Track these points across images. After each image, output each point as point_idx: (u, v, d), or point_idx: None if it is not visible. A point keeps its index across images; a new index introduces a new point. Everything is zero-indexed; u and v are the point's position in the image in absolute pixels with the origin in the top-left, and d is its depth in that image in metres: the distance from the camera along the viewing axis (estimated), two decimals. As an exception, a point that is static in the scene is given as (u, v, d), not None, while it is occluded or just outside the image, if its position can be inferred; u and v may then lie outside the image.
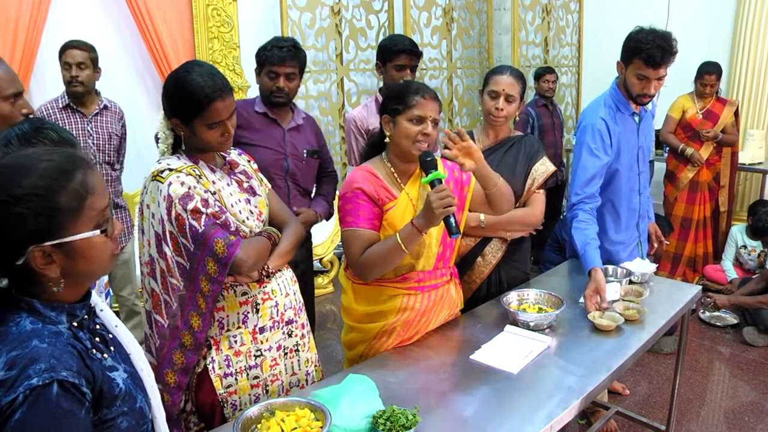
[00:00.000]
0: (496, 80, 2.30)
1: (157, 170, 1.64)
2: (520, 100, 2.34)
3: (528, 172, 2.34)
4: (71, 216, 0.99)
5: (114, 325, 1.17)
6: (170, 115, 1.68)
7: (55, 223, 0.97)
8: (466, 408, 1.57)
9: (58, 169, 0.99)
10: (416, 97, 1.80)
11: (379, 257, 1.78)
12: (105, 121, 3.07)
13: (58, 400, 0.92)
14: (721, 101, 4.43)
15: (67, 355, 0.97)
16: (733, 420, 2.89)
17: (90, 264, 1.03)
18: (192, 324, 1.67)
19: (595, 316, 2.02)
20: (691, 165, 4.41)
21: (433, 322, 1.98)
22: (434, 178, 1.73)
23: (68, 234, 0.99)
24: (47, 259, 0.98)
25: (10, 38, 3.28)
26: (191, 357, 1.69)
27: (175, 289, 1.66)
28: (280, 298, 1.80)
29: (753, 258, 4.41)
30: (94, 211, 1.01)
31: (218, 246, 1.60)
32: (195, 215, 1.60)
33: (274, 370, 1.80)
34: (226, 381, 1.72)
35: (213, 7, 3.88)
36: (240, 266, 1.63)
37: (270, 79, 2.43)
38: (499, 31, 5.65)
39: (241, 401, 1.75)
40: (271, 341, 1.78)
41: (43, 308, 1.01)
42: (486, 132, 2.39)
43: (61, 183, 0.98)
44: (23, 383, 0.90)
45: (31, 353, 0.94)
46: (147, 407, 1.14)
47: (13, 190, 0.95)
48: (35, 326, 0.99)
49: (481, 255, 2.35)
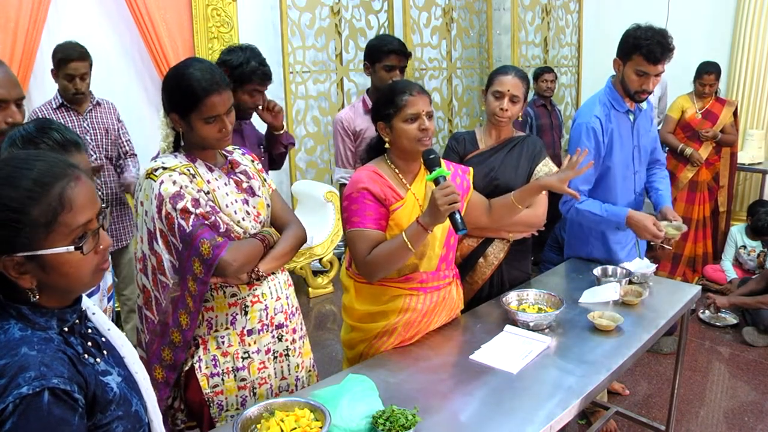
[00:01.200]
0: (501, 81, 2.29)
1: (151, 168, 1.64)
2: (524, 100, 2.34)
3: (531, 173, 2.34)
4: (42, 230, 0.96)
5: (107, 328, 1.15)
6: (169, 110, 1.68)
7: (24, 236, 0.95)
8: (466, 408, 1.57)
9: (35, 180, 0.96)
10: (404, 96, 1.81)
11: (385, 257, 1.78)
12: (99, 117, 3.07)
13: (49, 408, 0.90)
14: (720, 101, 4.43)
15: (57, 361, 0.95)
16: (733, 420, 2.89)
17: (65, 279, 1.00)
18: (181, 322, 1.67)
19: (594, 316, 2.02)
20: (690, 165, 4.42)
21: (434, 322, 1.98)
22: (438, 175, 1.74)
23: (39, 248, 0.96)
24: (19, 269, 0.96)
25: (10, 38, 3.28)
26: (179, 354, 1.69)
27: (165, 287, 1.66)
28: (270, 301, 1.78)
29: (752, 258, 4.41)
30: (68, 227, 0.98)
31: (204, 247, 1.59)
32: (184, 215, 1.60)
33: (262, 373, 1.78)
34: (212, 381, 1.72)
35: (213, 7, 3.88)
36: (225, 268, 1.62)
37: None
38: (498, 31, 5.65)
39: (228, 402, 1.74)
40: (259, 344, 1.77)
41: (31, 314, 0.99)
42: (489, 132, 2.39)
43: (35, 196, 0.95)
44: (13, 392, 0.89)
45: (20, 361, 0.92)
46: (143, 411, 1.12)
47: None
48: (24, 333, 0.97)
49: (483, 256, 2.35)
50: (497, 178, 2.29)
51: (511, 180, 2.29)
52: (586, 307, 2.14)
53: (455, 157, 2.36)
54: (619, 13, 5.82)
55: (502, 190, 2.25)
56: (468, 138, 2.40)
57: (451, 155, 2.38)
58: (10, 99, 1.59)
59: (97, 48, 3.02)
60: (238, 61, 2.34)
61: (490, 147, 2.37)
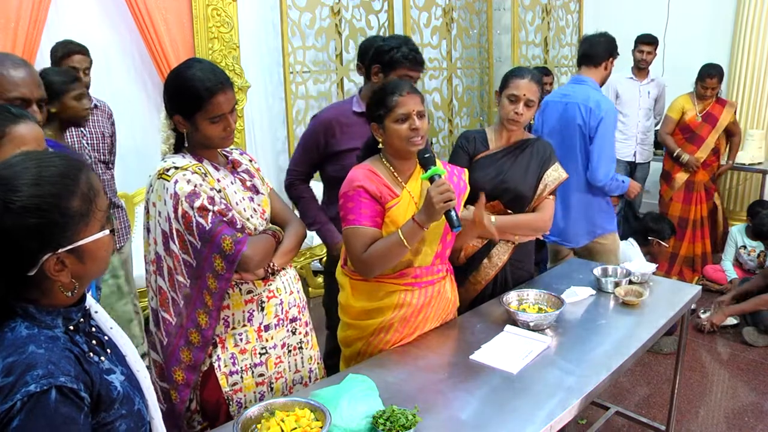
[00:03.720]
0: (517, 84, 2.27)
1: (163, 168, 1.64)
2: (539, 103, 2.33)
3: (540, 177, 2.33)
4: (83, 220, 0.98)
5: (109, 327, 1.16)
6: (172, 112, 1.68)
7: (68, 229, 0.97)
8: (465, 408, 1.57)
9: (63, 174, 0.98)
10: (394, 97, 1.82)
11: (381, 254, 1.80)
12: (97, 121, 3.05)
13: (56, 407, 0.91)
14: (721, 102, 4.43)
15: (64, 360, 0.96)
16: (733, 420, 2.89)
17: (98, 264, 1.04)
18: (199, 321, 1.67)
19: (620, 293, 2.10)
20: (685, 169, 4.42)
21: (430, 318, 1.99)
22: (434, 173, 1.75)
23: (80, 238, 0.99)
24: (60, 266, 0.98)
25: (10, 38, 3.27)
26: (199, 354, 1.69)
27: (181, 287, 1.67)
28: (285, 296, 1.81)
29: (753, 258, 4.40)
30: (101, 211, 1.02)
31: (226, 243, 1.60)
32: (202, 213, 1.60)
33: (279, 367, 1.81)
34: (231, 379, 1.73)
35: (213, 7, 3.87)
36: (247, 263, 1.64)
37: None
38: (499, 31, 5.65)
39: (246, 399, 1.75)
40: (275, 339, 1.79)
41: (38, 313, 1.00)
42: (500, 133, 2.38)
43: (70, 188, 0.97)
44: (21, 390, 0.89)
45: (28, 359, 0.93)
46: (145, 409, 1.13)
47: (21, 201, 0.93)
48: (31, 331, 0.97)
49: (487, 257, 2.35)
50: (506, 181, 2.29)
51: (520, 184, 2.29)
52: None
53: (465, 155, 2.36)
54: (619, 14, 5.81)
55: (511, 193, 2.25)
56: (479, 138, 2.39)
57: (460, 153, 2.37)
58: (32, 99, 1.62)
59: (97, 48, 3.01)
60: (389, 46, 2.33)
61: (501, 148, 2.36)
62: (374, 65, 2.36)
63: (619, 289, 2.23)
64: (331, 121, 2.40)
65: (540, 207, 2.35)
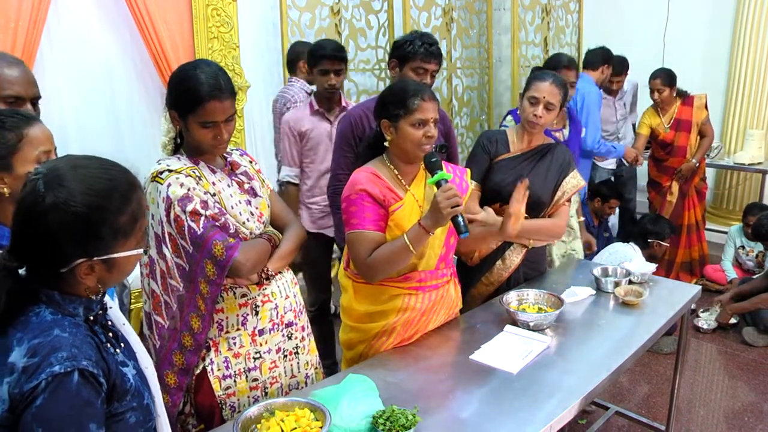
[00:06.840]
0: (538, 87, 2.27)
1: (156, 171, 1.63)
2: (561, 107, 2.32)
3: (558, 184, 2.34)
4: (124, 236, 1.02)
5: (122, 323, 1.19)
6: (169, 106, 1.67)
7: (109, 242, 1.01)
8: (465, 408, 1.57)
9: (119, 190, 1.02)
10: (416, 100, 1.79)
11: (386, 259, 1.78)
12: None
13: (78, 388, 0.94)
14: (688, 102, 4.27)
15: (87, 345, 0.99)
16: (733, 420, 2.89)
17: (122, 275, 1.07)
18: (192, 325, 1.66)
19: (620, 292, 2.11)
20: (678, 178, 4.35)
21: (433, 321, 1.98)
22: (440, 178, 1.74)
23: (116, 251, 1.02)
24: (89, 270, 1.01)
25: (10, 38, 3.27)
26: (191, 358, 1.68)
27: (174, 290, 1.66)
28: (280, 300, 1.79)
29: (751, 258, 4.40)
30: (141, 231, 1.06)
31: (216, 248, 1.59)
32: (194, 217, 1.59)
33: (273, 372, 1.79)
34: (224, 383, 1.72)
35: (213, 7, 3.87)
36: (238, 269, 1.62)
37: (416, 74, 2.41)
38: (498, 31, 5.65)
39: (240, 403, 1.74)
40: (270, 344, 1.77)
41: (62, 300, 1.03)
42: (521, 136, 2.38)
43: (122, 206, 1.01)
44: (45, 370, 0.92)
45: (53, 342, 0.96)
46: (153, 405, 1.15)
47: (75, 208, 0.96)
48: (55, 317, 1.01)
49: (501, 259, 2.35)
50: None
51: (540, 189, 2.29)
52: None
53: (485, 156, 2.36)
54: (618, 14, 5.81)
55: (530, 198, 2.24)
56: (500, 139, 2.39)
57: (481, 153, 2.37)
58: (26, 97, 1.62)
59: (97, 48, 3.01)
60: (403, 40, 2.40)
61: (522, 152, 2.36)
62: (392, 59, 2.45)
63: (619, 289, 2.23)
64: (361, 117, 2.44)
65: (556, 213, 2.35)
